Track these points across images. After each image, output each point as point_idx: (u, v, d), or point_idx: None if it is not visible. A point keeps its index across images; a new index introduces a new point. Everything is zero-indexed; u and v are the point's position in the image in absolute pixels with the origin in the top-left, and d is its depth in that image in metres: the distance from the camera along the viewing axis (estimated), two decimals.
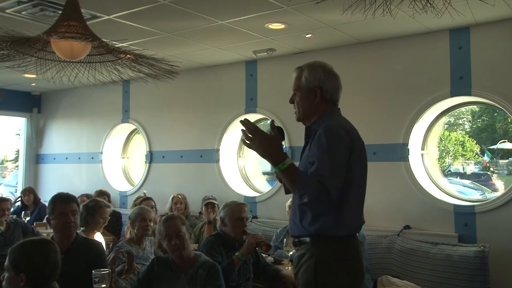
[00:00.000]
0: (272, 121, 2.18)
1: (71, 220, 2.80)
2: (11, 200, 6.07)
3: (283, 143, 2.19)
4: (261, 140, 2.02)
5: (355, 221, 2.20)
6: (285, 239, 3.85)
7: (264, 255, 3.74)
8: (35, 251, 2.09)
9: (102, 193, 5.78)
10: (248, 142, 2.04)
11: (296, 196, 2.15)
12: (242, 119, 2.06)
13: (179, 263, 2.84)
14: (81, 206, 3.70)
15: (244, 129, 2.05)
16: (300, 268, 2.17)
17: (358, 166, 2.16)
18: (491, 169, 9.29)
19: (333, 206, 2.07)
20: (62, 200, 2.86)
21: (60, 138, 8.03)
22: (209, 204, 5.05)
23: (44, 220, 4.91)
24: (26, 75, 5.75)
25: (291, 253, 3.58)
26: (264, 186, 6.11)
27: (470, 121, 9.87)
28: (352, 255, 2.16)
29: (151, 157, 6.69)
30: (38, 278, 2.06)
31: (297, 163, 2.29)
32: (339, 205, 2.09)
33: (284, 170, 2.02)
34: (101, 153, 7.26)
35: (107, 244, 3.92)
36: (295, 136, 5.08)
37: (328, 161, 2.03)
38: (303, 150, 2.29)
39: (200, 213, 5.42)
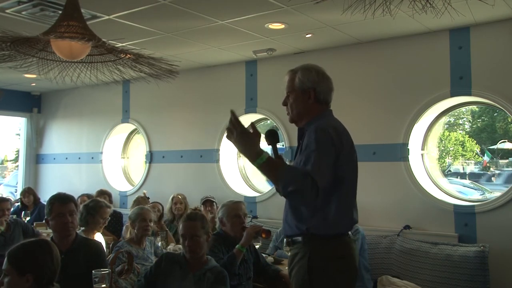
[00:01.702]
0: (252, 123, 2.17)
1: (69, 221, 2.79)
2: (11, 200, 6.07)
3: (278, 145, 2.25)
4: (238, 134, 2.03)
5: (346, 220, 2.20)
6: (285, 239, 3.85)
7: (264, 255, 3.74)
8: (40, 250, 2.09)
9: (103, 193, 5.76)
10: (228, 133, 2.06)
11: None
12: (231, 109, 2.07)
13: (190, 262, 2.85)
14: (81, 206, 3.71)
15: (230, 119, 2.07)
16: (294, 268, 2.19)
17: (347, 165, 2.17)
18: (491, 169, 9.29)
19: (323, 205, 2.09)
20: (60, 200, 2.85)
21: (60, 138, 8.03)
22: (207, 202, 5.05)
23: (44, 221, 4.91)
24: (26, 75, 5.75)
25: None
26: (264, 186, 6.11)
27: (470, 121, 9.88)
28: (345, 253, 2.17)
29: (151, 157, 6.69)
30: (45, 277, 2.06)
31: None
32: (330, 204, 2.11)
33: (262, 165, 2.02)
34: (101, 153, 7.26)
35: (107, 244, 3.91)
36: (295, 137, 5.07)
37: (317, 158, 2.04)
38: (296, 151, 2.32)
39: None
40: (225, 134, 2.03)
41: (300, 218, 2.16)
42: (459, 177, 9.34)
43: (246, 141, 2.03)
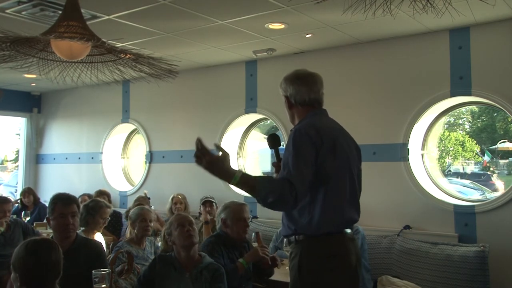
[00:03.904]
0: (216, 145, 2.19)
1: (70, 222, 2.79)
2: (12, 201, 6.07)
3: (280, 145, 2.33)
4: (207, 163, 2.05)
5: (337, 218, 2.17)
6: (285, 239, 3.84)
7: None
8: (26, 252, 2.08)
9: (102, 193, 5.77)
10: (197, 160, 2.09)
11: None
12: (198, 137, 2.11)
13: (183, 262, 2.82)
14: (81, 206, 3.71)
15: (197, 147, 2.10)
16: (290, 267, 2.23)
17: (331, 162, 2.14)
18: (491, 169, 9.29)
19: (309, 205, 2.10)
20: (63, 201, 2.85)
21: (60, 138, 8.03)
22: (207, 203, 5.05)
23: (45, 220, 4.91)
24: (26, 75, 5.75)
25: None
26: None
27: (470, 121, 9.88)
28: (337, 251, 2.15)
29: (151, 157, 6.69)
30: (30, 279, 2.05)
31: None
32: (315, 204, 2.11)
33: (239, 184, 2.04)
34: (101, 153, 7.26)
35: (107, 244, 3.92)
36: None
37: (294, 161, 2.07)
38: None
39: (200, 213, 5.42)
40: (194, 160, 2.08)
41: (291, 218, 2.20)
42: (459, 177, 9.34)
43: (216, 166, 2.05)
